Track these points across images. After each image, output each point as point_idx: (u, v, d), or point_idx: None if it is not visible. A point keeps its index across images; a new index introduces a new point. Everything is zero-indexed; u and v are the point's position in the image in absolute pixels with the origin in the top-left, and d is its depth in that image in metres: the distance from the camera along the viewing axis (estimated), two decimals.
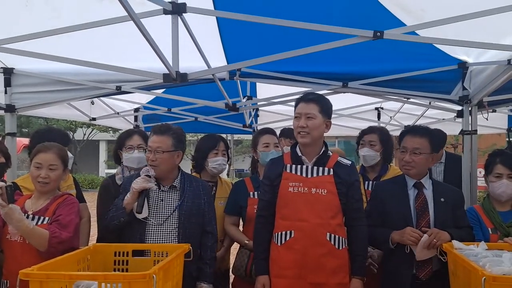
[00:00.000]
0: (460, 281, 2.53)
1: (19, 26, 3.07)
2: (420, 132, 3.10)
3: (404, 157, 3.06)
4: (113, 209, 2.99)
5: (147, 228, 2.98)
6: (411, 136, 3.08)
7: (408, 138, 3.09)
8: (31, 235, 2.62)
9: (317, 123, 2.85)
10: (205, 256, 3.11)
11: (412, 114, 5.99)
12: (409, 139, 3.08)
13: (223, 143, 3.77)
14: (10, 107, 3.94)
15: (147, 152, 3.05)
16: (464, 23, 2.60)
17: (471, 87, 3.67)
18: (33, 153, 2.89)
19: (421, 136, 3.06)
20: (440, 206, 3.00)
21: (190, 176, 3.26)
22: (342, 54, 3.39)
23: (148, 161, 3.02)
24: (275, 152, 3.57)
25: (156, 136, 3.02)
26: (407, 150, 3.05)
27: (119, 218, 2.93)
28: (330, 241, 2.81)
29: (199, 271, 3.07)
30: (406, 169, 3.08)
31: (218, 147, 3.73)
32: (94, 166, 32.28)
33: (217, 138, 3.81)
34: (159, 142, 2.99)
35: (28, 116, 22.90)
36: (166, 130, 3.05)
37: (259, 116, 6.73)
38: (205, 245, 3.13)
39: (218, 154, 3.71)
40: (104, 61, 3.21)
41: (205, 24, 3.25)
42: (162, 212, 3.01)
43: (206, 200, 3.17)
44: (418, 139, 3.05)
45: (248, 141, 28.89)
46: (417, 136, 3.06)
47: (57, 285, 2.13)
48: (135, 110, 6.14)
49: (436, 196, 3.03)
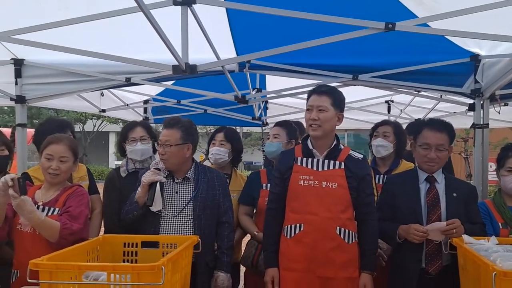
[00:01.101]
0: (470, 275, 2.51)
1: (29, 18, 3.07)
2: (441, 126, 3.00)
3: (428, 154, 2.95)
4: (127, 203, 3.05)
5: (161, 220, 3.00)
6: (433, 132, 2.97)
7: (430, 133, 2.97)
8: (42, 226, 2.63)
9: (329, 116, 2.82)
10: (222, 246, 3.13)
11: (422, 107, 5.94)
12: (432, 134, 2.96)
13: (221, 133, 3.76)
14: (21, 98, 3.96)
15: (158, 146, 3.06)
16: (477, 15, 2.56)
17: (484, 80, 3.63)
18: (44, 144, 2.89)
19: (442, 131, 2.97)
20: (452, 201, 2.96)
21: (205, 168, 3.25)
22: (352, 46, 3.35)
23: (159, 155, 3.04)
24: (270, 144, 3.59)
25: (166, 129, 3.04)
26: (430, 147, 2.95)
27: (133, 212, 2.99)
28: (340, 235, 2.79)
29: (216, 260, 3.09)
30: (429, 166, 2.98)
31: (215, 138, 3.75)
32: (104, 158, 32.48)
33: (217, 129, 3.85)
34: (167, 135, 3.00)
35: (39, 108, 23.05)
36: (175, 123, 3.05)
37: (268, 109, 6.71)
38: (221, 234, 3.14)
39: (215, 144, 3.73)
40: (113, 52, 3.20)
41: (214, 15, 3.23)
42: (177, 204, 3.02)
43: (221, 191, 3.17)
44: (440, 135, 2.95)
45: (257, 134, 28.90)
46: (439, 132, 2.96)
47: (67, 276, 2.14)
48: (144, 102, 6.16)
49: (448, 191, 2.98)
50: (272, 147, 3.54)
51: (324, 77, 3.80)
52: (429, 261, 2.91)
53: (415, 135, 3.09)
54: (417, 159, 3.08)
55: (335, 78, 3.81)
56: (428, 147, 2.96)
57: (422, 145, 2.98)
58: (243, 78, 4.54)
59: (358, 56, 3.72)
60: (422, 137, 3.00)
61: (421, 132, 3.02)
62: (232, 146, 3.76)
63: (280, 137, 3.64)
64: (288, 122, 3.79)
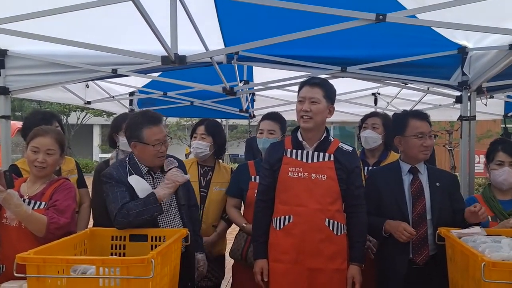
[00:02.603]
0: (458, 266, 2.54)
1: (12, 7, 3.00)
2: (424, 115, 3.09)
3: (424, 142, 2.99)
4: (138, 203, 2.74)
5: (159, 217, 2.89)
6: (422, 120, 3.04)
7: (419, 122, 3.02)
8: (29, 220, 2.59)
9: (321, 108, 2.83)
10: (196, 229, 3.14)
11: (409, 99, 5.97)
12: (422, 123, 3.03)
13: (202, 127, 3.72)
14: (4, 90, 3.86)
15: (159, 145, 2.86)
16: (465, 8, 2.58)
17: (471, 72, 3.65)
18: (30, 136, 2.84)
19: (426, 119, 3.06)
20: (436, 190, 3.00)
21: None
22: (341, 38, 3.35)
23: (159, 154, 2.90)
24: (265, 140, 3.52)
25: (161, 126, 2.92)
26: (425, 135, 3.01)
27: (153, 213, 2.76)
28: (329, 226, 2.80)
29: (194, 244, 3.04)
30: (425, 154, 3.02)
31: (196, 131, 3.73)
32: (88, 151, 32.19)
33: (198, 122, 3.81)
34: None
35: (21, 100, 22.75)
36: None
37: (255, 101, 6.69)
38: (194, 218, 3.15)
39: (197, 137, 3.71)
40: (100, 43, 3.15)
41: (202, 6, 3.20)
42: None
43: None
44: (426, 123, 3.04)
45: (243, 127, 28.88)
46: (425, 120, 3.05)
47: (54, 269, 2.12)
48: (130, 94, 6.09)
49: (431, 181, 3.02)
50: (268, 144, 3.45)
51: (313, 69, 3.78)
52: (416, 252, 2.94)
53: (399, 128, 3.08)
54: (410, 150, 3.04)
55: (324, 70, 3.80)
56: (422, 135, 3.00)
57: (417, 134, 3.01)
58: (230, 70, 4.50)
59: (346, 48, 3.70)
60: (413, 128, 3.02)
61: (408, 123, 3.04)
62: (214, 139, 3.72)
63: (276, 133, 3.58)
64: (280, 116, 3.75)
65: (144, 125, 2.84)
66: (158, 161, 2.91)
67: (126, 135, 2.96)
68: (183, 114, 7.27)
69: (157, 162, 2.91)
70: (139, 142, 2.84)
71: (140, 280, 2.09)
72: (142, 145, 2.84)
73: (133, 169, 2.86)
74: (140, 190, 2.80)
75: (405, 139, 3.05)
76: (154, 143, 2.83)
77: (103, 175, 2.84)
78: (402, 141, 3.07)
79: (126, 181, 2.80)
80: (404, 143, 3.06)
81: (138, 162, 2.90)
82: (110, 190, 2.79)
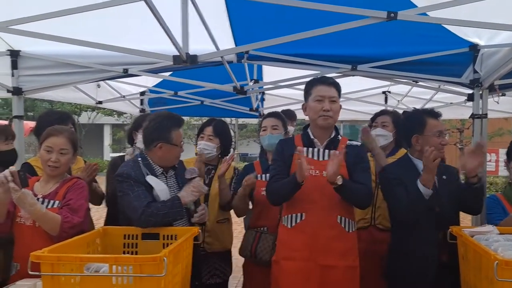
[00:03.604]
0: (471, 265, 2.52)
1: (25, 8, 3.03)
2: (437, 114, 3.11)
3: (442, 140, 3.01)
4: (165, 205, 2.76)
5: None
6: (437, 119, 3.07)
7: (436, 121, 3.05)
8: (44, 219, 2.61)
9: (338, 106, 2.92)
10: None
11: (420, 98, 5.94)
12: (438, 122, 3.06)
13: (210, 127, 3.72)
14: (17, 90, 3.92)
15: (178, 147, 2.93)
16: (476, 5, 2.55)
17: (482, 70, 3.62)
18: (44, 136, 2.87)
19: (440, 117, 3.09)
20: (443, 183, 3.01)
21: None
22: (351, 36, 3.33)
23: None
24: (271, 136, 3.54)
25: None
26: (442, 134, 3.03)
27: (176, 216, 2.80)
28: (341, 223, 2.82)
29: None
30: (442, 153, 3.03)
31: (204, 131, 3.74)
32: (98, 150, 32.39)
33: (206, 122, 3.82)
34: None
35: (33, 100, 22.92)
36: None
37: (265, 100, 6.69)
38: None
39: (204, 138, 3.71)
40: (111, 43, 3.17)
41: (212, 5, 3.21)
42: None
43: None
44: (441, 121, 3.07)
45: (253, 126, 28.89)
46: (439, 118, 3.08)
47: (68, 267, 2.14)
48: (141, 93, 6.12)
49: (439, 175, 3.01)
50: (274, 139, 3.45)
51: (323, 67, 3.78)
52: (441, 250, 2.91)
53: (417, 127, 3.06)
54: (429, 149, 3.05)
55: (334, 68, 3.79)
56: (440, 134, 3.02)
57: (436, 133, 3.02)
58: (240, 69, 4.52)
59: (357, 46, 3.69)
60: (432, 126, 3.03)
61: (426, 123, 3.04)
62: (221, 141, 3.73)
63: (279, 128, 3.62)
64: (281, 114, 3.78)
65: (173, 127, 2.90)
66: (176, 162, 3.00)
67: (148, 136, 2.92)
68: (194, 113, 7.29)
69: (175, 162, 2.99)
70: (167, 143, 2.87)
71: (153, 278, 2.11)
72: (170, 146, 2.88)
73: (148, 169, 2.87)
74: (159, 190, 2.82)
75: (424, 138, 3.03)
76: (180, 145, 2.94)
77: (119, 175, 2.84)
78: (420, 140, 3.04)
79: (144, 181, 2.81)
80: (422, 142, 3.03)
81: (152, 162, 2.91)
82: (130, 189, 2.77)
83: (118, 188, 2.84)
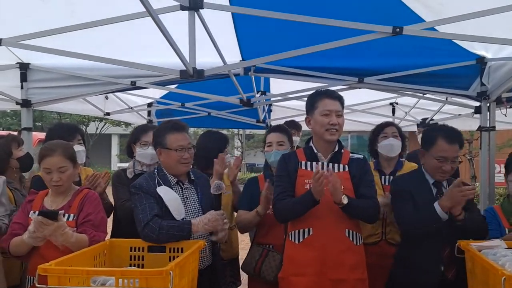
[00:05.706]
0: (478, 280, 2.50)
1: (35, 22, 3.07)
2: (455, 138, 2.93)
3: (443, 166, 2.89)
4: (173, 225, 2.75)
5: None
6: (450, 144, 2.89)
7: (446, 146, 2.89)
8: (74, 244, 2.60)
9: (343, 120, 2.89)
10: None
11: (427, 109, 5.92)
12: (449, 147, 2.89)
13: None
14: (26, 102, 3.97)
15: (182, 151, 2.89)
16: (483, 19, 2.56)
17: (490, 82, 3.62)
18: (39, 157, 2.82)
19: (456, 142, 2.91)
20: None
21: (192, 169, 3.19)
22: (358, 49, 3.35)
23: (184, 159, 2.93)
24: (276, 152, 3.42)
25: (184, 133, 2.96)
26: (447, 160, 2.90)
27: (180, 239, 2.76)
28: (349, 237, 2.81)
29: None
30: (442, 177, 2.95)
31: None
32: (106, 160, 32.46)
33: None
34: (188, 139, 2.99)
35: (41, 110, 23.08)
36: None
37: (272, 111, 6.71)
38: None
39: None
40: (117, 57, 3.20)
41: (219, 19, 3.23)
42: (191, 210, 2.94)
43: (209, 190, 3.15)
44: (455, 147, 2.90)
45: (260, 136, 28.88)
46: (454, 144, 2.90)
47: (75, 280, 2.15)
48: (148, 105, 6.16)
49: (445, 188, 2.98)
50: (280, 156, 3.28)
51: (330, 80, 3.80)
52: (447, 265, 2.87)
53: (426, 143, 3.00)
54: (429, 168, 2.99)
55: (341, 81, 3.80)
56: (444, 160, 2.90)
57: (439, 158, 2.90)
58: (247, 81, 4.53)
59: (363, 59, 3.71)
60: (438, 149, 2.90)
61: (435, 142, 2.92)
62: None
63: (285, 144, 3.49)
64: (287, 128, 3.68)
65: (167, 131, 2.91)
66: (182, 168, 2.93)
67: (153, 144, 3.02)
68: (201, 124, 7.31)
69: (181, 168, 2.93)
70: (163, 148, 2.90)
71: None
72: (165, 150, 2.90)
73: (162, 180, 2.89)
74: (168, 200, 2.82)
75: (427, 157, 2.98)
76: (176, 148, 2.88)
77: (132, 186, 2.88)
78: (425, 156, 3.02)
79: (155, 192, 2.82)
80: (425, 159, 3.00)
81: (167, 173, 2.94)
82: (139, 201, 2.81)
83: (131, 199, 2.91)
